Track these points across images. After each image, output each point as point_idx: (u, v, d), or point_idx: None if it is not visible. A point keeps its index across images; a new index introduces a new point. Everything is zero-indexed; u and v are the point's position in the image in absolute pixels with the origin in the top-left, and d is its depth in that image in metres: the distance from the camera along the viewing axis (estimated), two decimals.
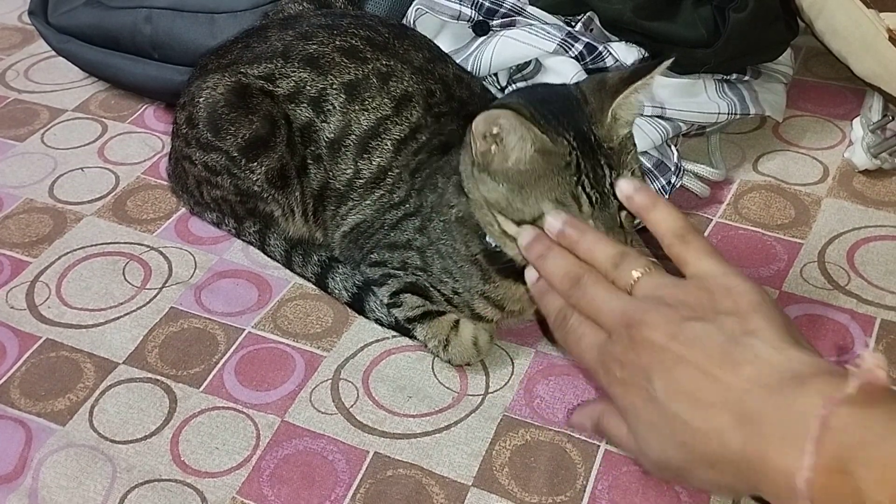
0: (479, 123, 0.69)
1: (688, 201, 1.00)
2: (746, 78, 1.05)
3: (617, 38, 0.98)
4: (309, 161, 0.89)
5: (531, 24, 0.97)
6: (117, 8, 1.14)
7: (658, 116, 0.98)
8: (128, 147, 1.14)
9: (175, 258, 0.97)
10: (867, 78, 1.05)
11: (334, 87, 0.87)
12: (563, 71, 0.95)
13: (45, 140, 1.16)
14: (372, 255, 0.86)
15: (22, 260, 0.97)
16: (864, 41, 1.02)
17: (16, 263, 0.97)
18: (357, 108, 0.87)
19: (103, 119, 1.19)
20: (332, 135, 0.87)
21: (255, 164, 0.89)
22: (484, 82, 0.96)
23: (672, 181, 0.96)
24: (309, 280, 0.92)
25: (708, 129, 1.06)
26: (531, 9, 0.99)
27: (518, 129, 0.68)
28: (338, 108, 0.87)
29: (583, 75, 0.95)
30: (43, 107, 1.22)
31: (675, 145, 1.00)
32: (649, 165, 0.96)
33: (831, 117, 1.13)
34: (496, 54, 0.95)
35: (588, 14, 0.98)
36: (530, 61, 0.97)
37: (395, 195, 0.85)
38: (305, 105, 0.88)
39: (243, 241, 0.97)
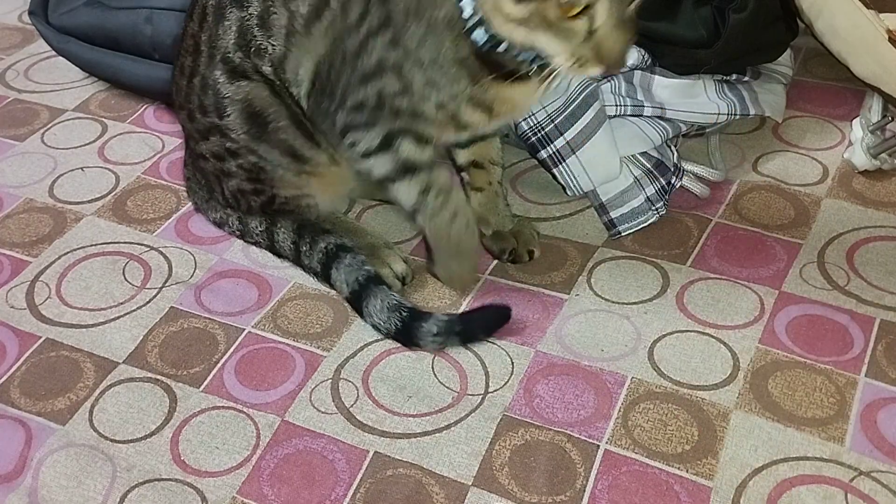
0: None
1: (688, 201, 1.00)
2: (746, 79, 1.05)
3: None
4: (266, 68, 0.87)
5: None
6: (118, 8, 1.14)
7: (658, 117, 0.98)
8: (128, 147, 1.14)
9: (175, 258, 0.97)
10: (867, 79, 1.05)
11: None
12: None
13: (45, 140, 1.16)
14: (347, 101, 0.84)
15: (22, 259, 0.97)
16: (864, 42, 1.02)
17: (16, 263, 0.97)
18: None
19: (103, 119, 1.19)
20: (259, 8, 0.85)
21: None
22: None
23: (672, 181, 0.97)
24: (314, 272, 0.92)
25: (708, 130, 1.06)
26: None
27: None
28: None
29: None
30: (43, 106, 1.22)
31: (675, 146, 1.00)
32: (649, 166, 0.96)
33: (831, 118, 1.13)
34: None
35: None
36: None
37: (349, 16, 0.82)
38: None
39: (247, 242, 0.97)
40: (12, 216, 1.03)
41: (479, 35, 0.76)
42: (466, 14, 0.75)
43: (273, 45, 0.85)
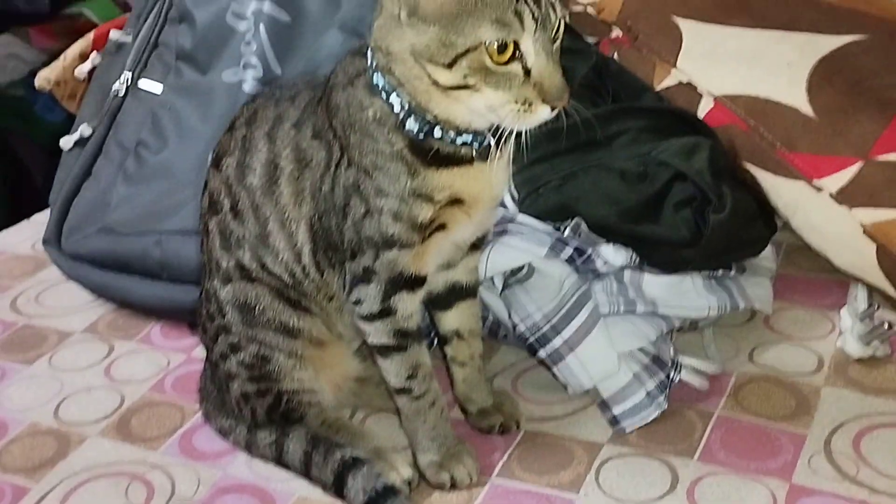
0: None
1: (688, 394, 1.01)
2: (732, 273, 1.09)
3: (605, 241, 1.03)
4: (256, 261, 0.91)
5: (522, 231, 1.02)
6: (129, 234, 1.20)
7: (651, 313, 1.00)
8: (134, 365, 1.16)
9: (179, 475, 0.96)
10: (848, 270, 1.08)
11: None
12: (556, 273, 0.99)
13: (52, 362, 1.18)
14: (345, 247, 0.85)
15: (22, 487, 0.96)
16: (841, 236, 1.06)
17: (17, 491, 0.96)
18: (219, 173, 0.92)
19: (111, 339, 1.21)
20: (229, 203, 0.91)
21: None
22: (481, 286, 1.00)
23: (671, 375, 0.98)
24: (324, 483, 0.91)
25: (701, 324, 1.08)
26: (522, 217, 1.04)
27: None
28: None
29: (575, 277, 0.99)
30: (52, 330, 1.25)
31: (671, 340, 1.02)
32: (647, 361, 0.97)
33: (819, 307, 1.16)
34: (492, 259, 0.99)
35: (576, 220, 1.04)
36: (524, 265, 1.01)
37: (312, 164, 0.86)
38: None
39: (253, 455, 0.97)
40: (16, 441, 1.03)
41: (412, 124, 0.80)
42: (397, 109, 0.80)
43: (248, 229, 0.90)
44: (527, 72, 0.75)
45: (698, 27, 1.19)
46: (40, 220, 1.51)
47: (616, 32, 1.23)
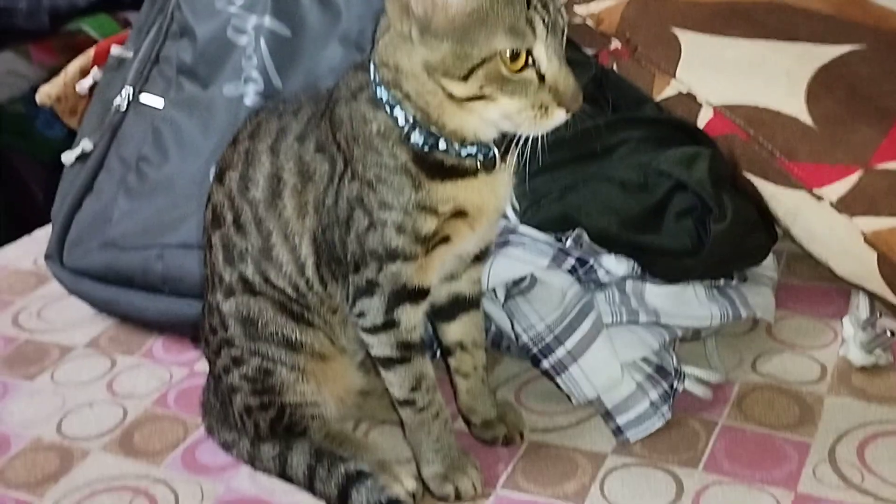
0: None
1: (692, 404, 1.01)
2: (734, 283, 1.09)
3: (606, 251, 1.03)
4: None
5: (524, 242, 1.02)
6: (131, 248, 1.20)
7: (654, 323, 1.00)
8: (136, 380, 1.15)
9: (182, 489, 0.96)
10: (850, 278, 1.09)
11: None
12: (558, 284, 0.99)
13: (54, 377, 1.18)
14: (349, 261, 0.85)
15: (25, 502, 0.96)
16: (842, 245, 1.07)
17: None
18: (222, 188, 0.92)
19: (113, 353, 1.21)
20: (231, 216, 0.91)
21: None
22: (484, 297, 1.00)
23: (674, 385, 0.98)
24: (329, 498, 0.91)
25: (703, 333, 1.08)
26: (523, 228, 1.04)
27: None
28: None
29: (577, 287, 0.99)
30: (54, 345, 1.25)
31: (674, 350, 1.02)
32: (650, 371, 0.97)
33: (821, 316, 1.16)
34: (494, 271, 0.99)
35: (577, 230, 1.04)
36: (526, 276, 1.01)
37: (315, 177, 0.86)
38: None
39: (256, 468, 0.97)
40: (19, 456, 1.03)
41: (416, 137, 0.80)
42: (401, 122, 0.80)
43: (251, 243, 0.90)
44: (541, 77, 0.77)
45: (696, 38, 1.19)
46: (41, 236, 1.51)
47: (615, 44, 1.24)
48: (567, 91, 0.77)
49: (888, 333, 1.04)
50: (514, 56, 0.75)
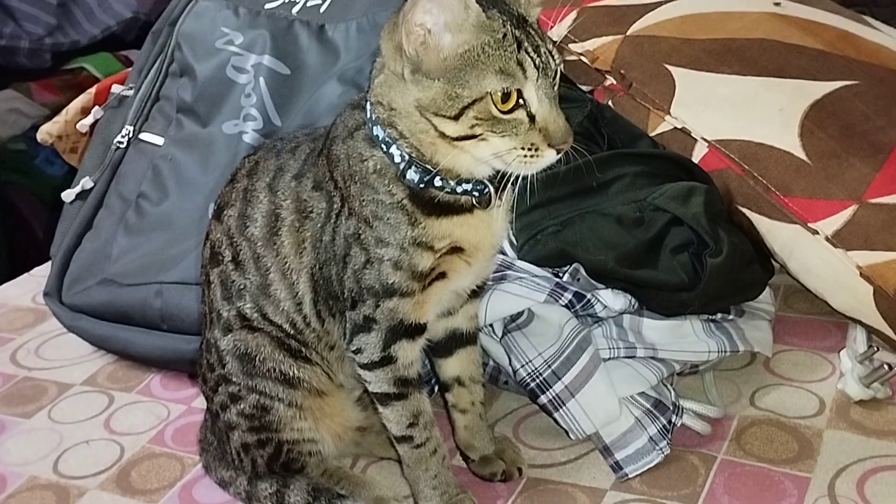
0: (409, 9, 0.75)
1: (690, 439, 1.00)
2: (731, 317, 1.09)
3: (603, 286, 1.04)
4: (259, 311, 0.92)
5: (521, 277, 1.02)
6: (130, 285, 1.20)
7: (651, 357, 1.01)
8: (133, 417, 1.15)
9: None
10: (846, 312, 1.09)
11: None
12: (556, 318, 1.00)
13: (51, 415, 1.17)
14: (346, 296, 0.86)
15: None
16: (838, 279, 1.07)
17: None
18: (221, 226, 0.93)
19: (110, 391, 1.21)
20: (230, 254, 0.92)
21: None
22: (481, 333, 1.00)
23: (672, 420, 0.98)
24: None
25: (701, 368, 1.08)
26: (520, 263, 1.05)
27: (449, 5, 0.73)
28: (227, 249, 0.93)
29: (574, 322, 1.00)
30: (52, 382, 1.24)
31: (671, 384, 1.02)
32: (648, 405, 0.97)
33: (819, 350, 1.16)
34: (491, 306, 1.00)
35: (574, 265, 1.04)
36: (524, 311, 1.01)
37: (313, 214, 0.87)
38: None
39: None
40: (15, 495, 1.02)
41: (412, 175, 0.81)
42: (397, 160, 0.81)
43: (249, 279, 0.91)
44: (531, 118, 0.78)
45: (691, 75, 1.21)
46: (41, 274, 1.52)
47: (610, 80, 1.25)
48: (557, 132, 0.78)
49: (886, 367, 1.03)
50: (506, 97, 0.76)
